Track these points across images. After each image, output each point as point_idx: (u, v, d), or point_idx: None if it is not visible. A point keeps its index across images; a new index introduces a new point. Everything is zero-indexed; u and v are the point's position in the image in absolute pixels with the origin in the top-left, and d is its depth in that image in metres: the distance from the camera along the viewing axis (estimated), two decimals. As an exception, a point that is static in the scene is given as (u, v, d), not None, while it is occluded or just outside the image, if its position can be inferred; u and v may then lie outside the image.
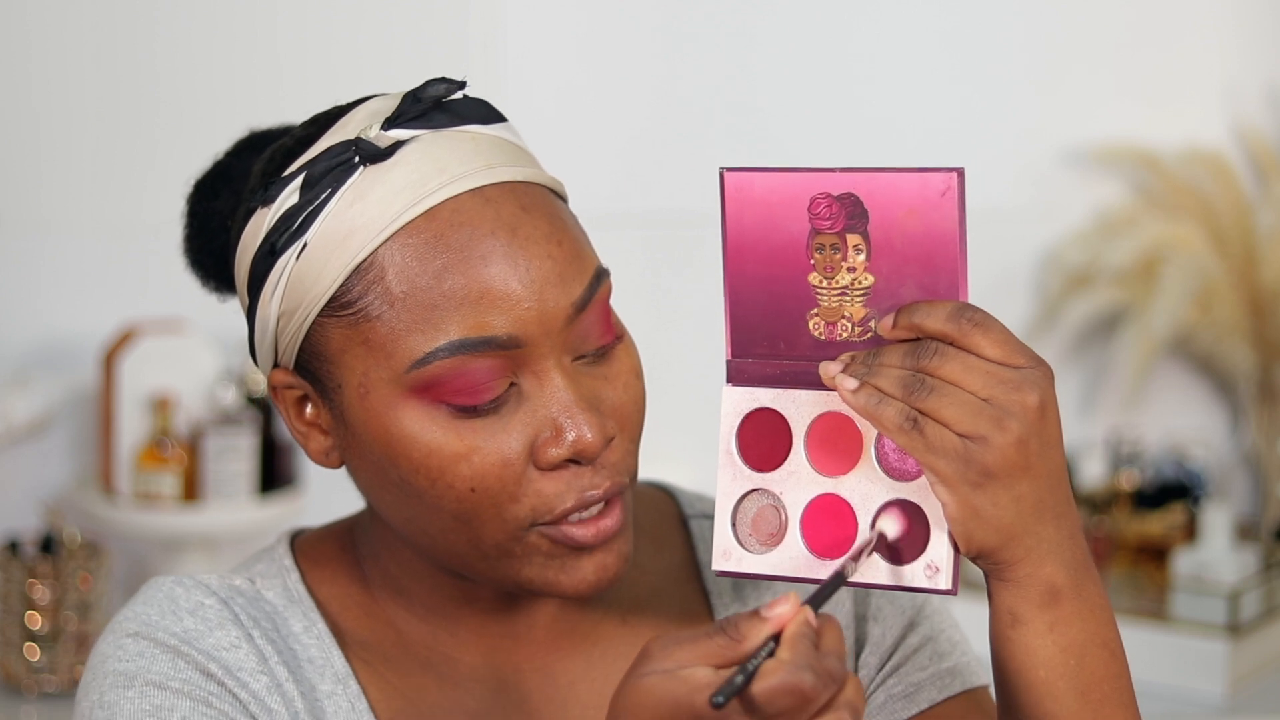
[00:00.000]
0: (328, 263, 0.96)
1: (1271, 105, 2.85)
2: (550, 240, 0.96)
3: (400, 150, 0.97)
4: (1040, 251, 2.67)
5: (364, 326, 0.96)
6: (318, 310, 0.97)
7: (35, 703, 1.99)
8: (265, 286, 0.99)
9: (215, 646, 1.01)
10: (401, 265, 0.95)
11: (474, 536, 0.97)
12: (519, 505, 0.96)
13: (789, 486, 0.94)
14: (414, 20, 2.39)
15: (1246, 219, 2.69)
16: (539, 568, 0.98)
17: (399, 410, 0.96)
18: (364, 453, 0.99)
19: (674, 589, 1.10)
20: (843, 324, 0.93)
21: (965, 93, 2.63)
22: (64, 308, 2.25)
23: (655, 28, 2.49)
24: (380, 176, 0.96)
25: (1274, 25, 2.86)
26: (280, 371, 1.01)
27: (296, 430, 1.02)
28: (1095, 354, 2.73)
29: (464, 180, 0.96)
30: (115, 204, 2.29)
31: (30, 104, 2.24)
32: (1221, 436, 2.82)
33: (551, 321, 0.95)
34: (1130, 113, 2.73)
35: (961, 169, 0.89)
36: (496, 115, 1.01)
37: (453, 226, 0.95)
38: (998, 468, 0.88)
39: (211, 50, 2.31)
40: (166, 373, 2.13)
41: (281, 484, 2.17)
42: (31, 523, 2.15)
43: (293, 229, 0.97)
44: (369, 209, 0.96)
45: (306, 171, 0.97)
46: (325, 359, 0.98)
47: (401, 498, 0.98)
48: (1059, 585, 0.92)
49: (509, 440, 0.96)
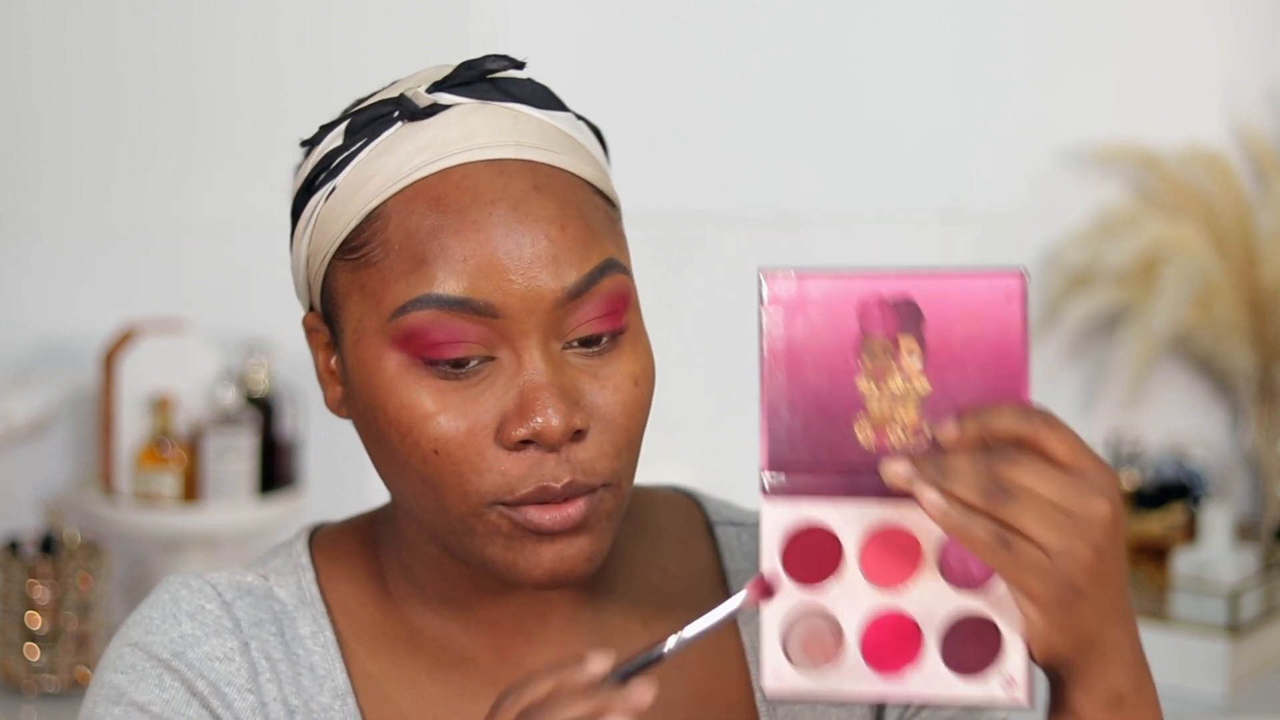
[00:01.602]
0: (346, 207, 0.98)
1: (1271, 105, 2.85)
2: (554, 222, 0.96)
3: (439, 113, 0.98)
4: (1040, 251, 2.67)
5: (363, 272, 0.97)
6: (332, 252, 0.99)
7: (35, 703, 1.99)
8: (299, 224, 1.02)
9: (207, 656, 1.01)
10: (403, 217, 0.96)
11: (440, 504, 0.97)
12: (481, 479, 0.95)
13: (842, 601, 0.90)
14: (414, 20, 2.39)
15: (1246, 219, 2.69)
16: (501, 548, 0.97)
17: (382, 359, 0.97)
18: (355, 402, 1.00)
19: (698, 596, 1.09)
20: (894, 430, 0.89)
21: (965, 93, 2.63)
22: (64, 308, 2.25)
23: (655, 28, 2.49)
24: (411, 134, 0.98)
25: (1274, 25, 2.86)
26: (312, 314, 1.03)
27: (321, 377, 1.03)
28: (1095, 354, 2.73)
29: (486, 150, 0.97)
30: (115, 204, 2.29)
31: (30, 104, 2.24)
32: (1221, 436, 2.82)
33: (536, 301, 0.95)
34: (1130, 113, 2.73)
35: (1024, 273, 0.87)
36: (556, 103, 1.02)
37: (458, 189, 0.96)
38: (1084, 582, 0.87)
39: (211, 50, 2.31)
40: (166, 373, 2.13)
41: (281, 484, 2.17)
42: (31, 523, 2.15)
43: (328, 170, 0.99)
44: (391, 162, 0.97)
45: (351, 119, 1.00)
46: (335, 302, 1.00)
47: (383, 452, 0.98)
48: (1124, 690, 0.91)
49: (477, 410, 0.95)
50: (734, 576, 1.10)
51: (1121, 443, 2.52)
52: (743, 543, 1.12)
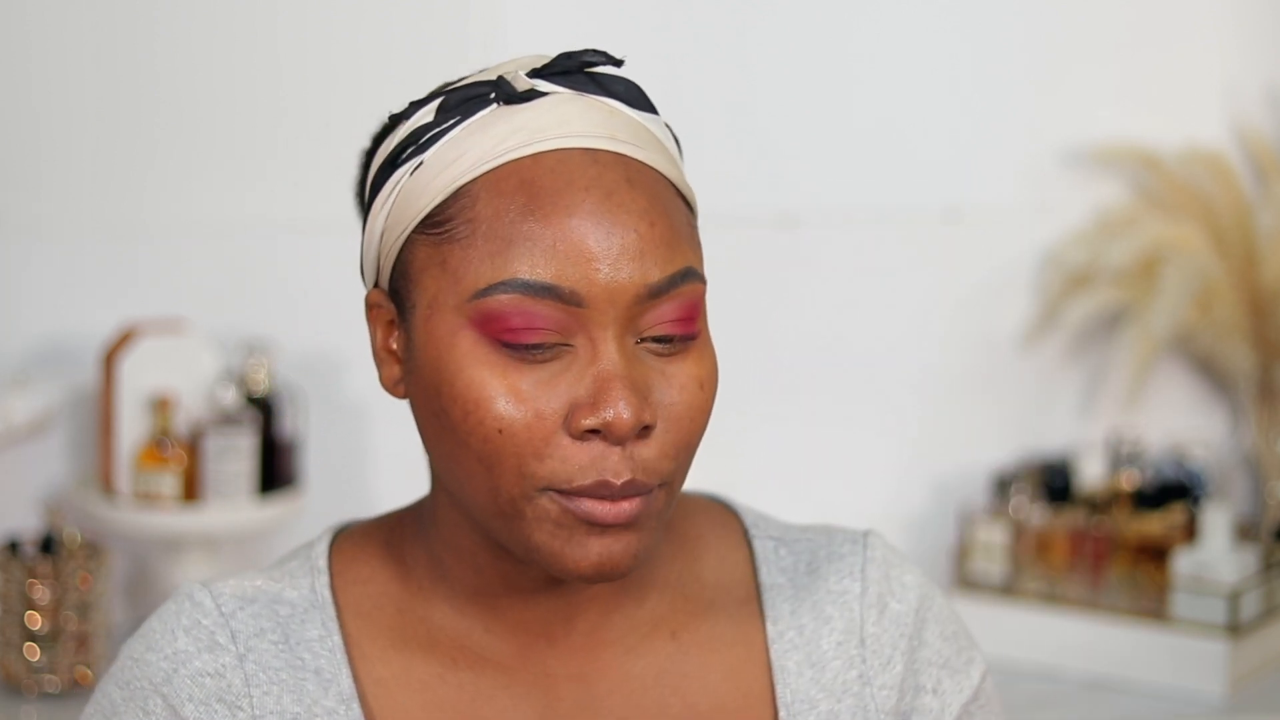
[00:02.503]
0: (433, 181, 0.98)
1: (1271, 105, 2.85)
2: (644, 217, 0.97)
3: (536, 99, 0.99)
4: (1040, 251, 2.67)
5: (444, 248, 0.97)
6: (413, 226, 0.99)
7: (35, 703, 1.99)
8: (379, 197, 1.01)
9: (198, 673, 1.02)
10: (495, 195, 0.97)
11: (493, 485, 0.96)
12: (540, 464, 0.95)
13: None
14: (414, 20, 2.39)
15: (1246, 219, 2.69)
16: (548, 535, 0.97)
17: (456, 336, 0.97)
18: (419, 378, 0.99)
19: (732, 608, 1.09)
20: None
21: (965, 93, 2.63)
22: (64, 308, 2.25)
23: (655, 28, 2.49)
24: (507, 116, 0.99)
25: (1274, 25, 2.86)
26: (376, 291, 1.03)
27: (378, 355, 1.03)
28: (1095, 354, 2.73)
29: (581, 139, 0.98)
30: (115, 204, 2.29)
31: (30, 104, 2.24)
32: (1221, 436, 2.82)
33: (619, 294, 0.96)
34: (1130, 113, 2.73)
35: None
36: (648, 104, 1.03)
37: (551, 173, 0.96)
38: None
39: (211, 50, 2.31)
40: (166, 373, 2.13)
41: (281, 484, 2.17)
42: (31, 523, 2.15)
43: (417, 145, 1.00)
44: (483, 141, 0.98)
45: (445, 97, 1.00)
46: (408, 277, 1.00)
47: (441, 431, 0.98)
48: None
49: (548, 395, 0.96)
50: (768, 591, 1.10)
51: (1121, 443, 2.52)
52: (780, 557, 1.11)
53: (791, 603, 1.09)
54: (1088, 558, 2.37)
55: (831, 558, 1.11)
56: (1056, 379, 2.70)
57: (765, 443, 2.50)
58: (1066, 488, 2.49)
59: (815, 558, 1.11)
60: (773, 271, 2.53)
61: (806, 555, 1.12)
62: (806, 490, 2.50)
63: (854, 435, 2.57)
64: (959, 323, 2.63)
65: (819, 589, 1.10)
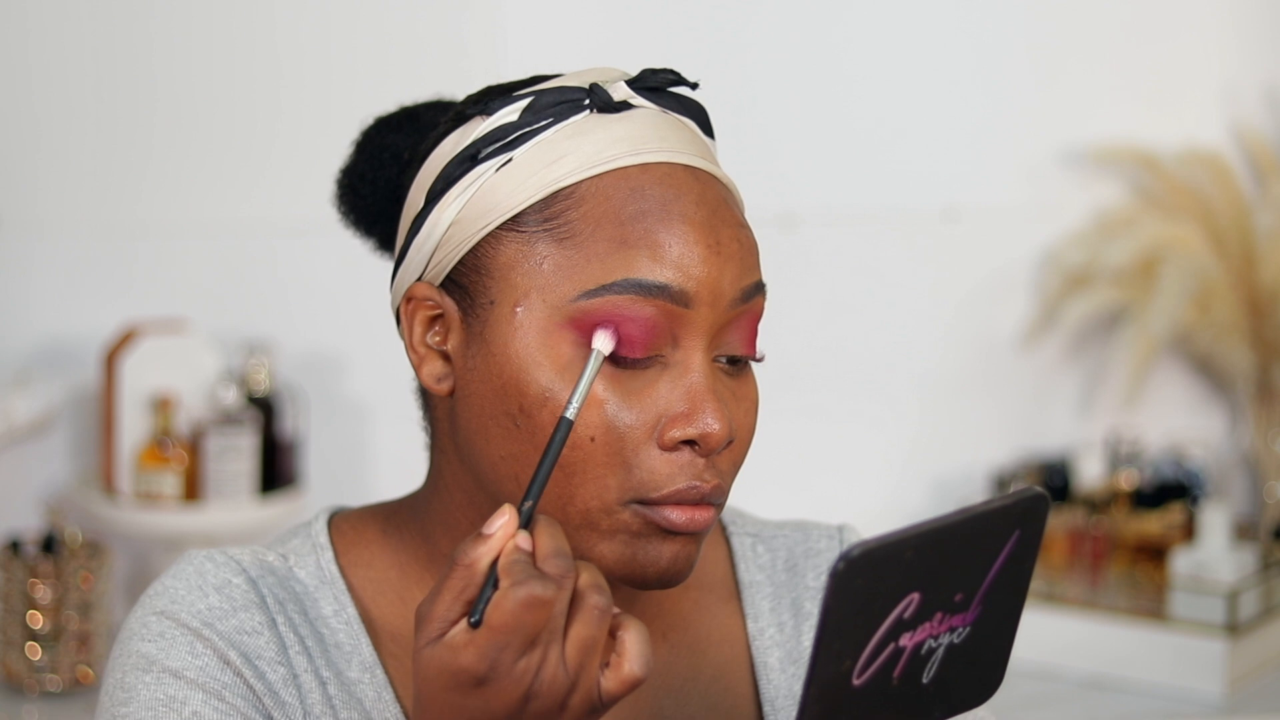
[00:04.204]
0: (528, 180, 0.99)
1: (1270, 105, 2.86)
2: (741, 230, 1.01)
3: (629, 110, 1.01)
4: (1039, 251, 2.68)
5: (543, 247, 0.98)
6: (499, 223, 0.99)
7: (36, 702, 1.99)
8: (452, 190, 1.01)
9: (237, 629, 1.01)
10: (603, 199, 0.98)
11: (567, 494, 0.97)
12: (629, 474, 0.96)
13: None
14: (413, 20, 2.39)
15: (1245, 219, 2.69)
16: (621, 545, 0.97)
17: (550, 336, 0.97)
18: (489, 377, 0.98)
19: (715, 606, 1.10)
20: None
21: (965, 93, 2.63)
22: (65, 308, 2.25)
23: (654, 28, 2.49)
24: (604, 124, 1.00)
25: (1273, 25, 2.86)
26: (424, 285, 1.02)
27: (415, 351, 1.02)
28: (1094, 354, 2.73)
29: (682, 155, 1.00)
30: (116, 204, 2.29)
31: (29, 104, 2.25)
32: (1220, 436, 2.83)
33: (721, 297, 0.98)
34: (1129, 113, 2.73)
35: None
36: (711, 129, 1.06)
37: (661, 184, 0.99)
38: None
39: (211, 51, 2.31)
40: (167, 372, 2.13)
41: (282, 484, 2.17)
42: (33, 522, 2.15)
43: (503, 142, 1.00)
44: (585, 145, 0.99)
45: (534, 98, 1.01)
46: (486, 273, 0.99)
47: (509, 431, 0.97)
48: None
49: (643, 404, 0.97)
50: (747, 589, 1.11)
51: (1120, 442, 2.52)
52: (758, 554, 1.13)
53: (771, 600, 1.11)
54: (1086, 557, 2.37)
55: (809, 554, 1.14)
56: (1055, 379, 2.70)
57: (765, 441, 2.49)
58: (1065, 487, 2.49)
59: (792, 554, 1.14)
60: (773, 271, 2.53)
61: (784, 553, 1.14)
62: (806, 489, 2.50)
63: (853, 434, 2.57)
64: (958, 323, 2.63)
65: (797, 585, 1.12)
